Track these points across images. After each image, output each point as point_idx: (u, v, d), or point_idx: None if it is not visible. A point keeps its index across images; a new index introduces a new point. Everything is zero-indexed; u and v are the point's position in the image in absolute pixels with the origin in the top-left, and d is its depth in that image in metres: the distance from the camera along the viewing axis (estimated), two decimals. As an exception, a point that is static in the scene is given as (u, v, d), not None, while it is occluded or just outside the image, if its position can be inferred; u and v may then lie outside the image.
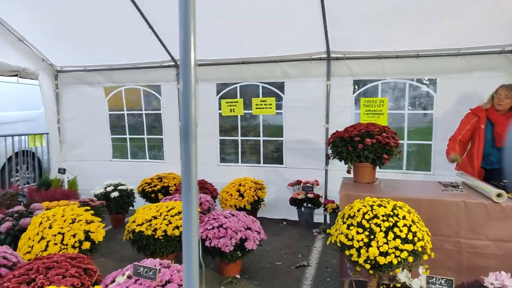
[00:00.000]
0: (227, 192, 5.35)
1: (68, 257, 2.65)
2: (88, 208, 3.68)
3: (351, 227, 2.69)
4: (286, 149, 5.71)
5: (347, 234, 2.69)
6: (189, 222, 1.31)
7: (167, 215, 3.67)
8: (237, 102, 5.78)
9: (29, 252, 3.12)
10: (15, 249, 3.15)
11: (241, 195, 5.25)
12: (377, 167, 3.69)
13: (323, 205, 5.36)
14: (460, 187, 3.43)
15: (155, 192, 5.54)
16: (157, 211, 3.72)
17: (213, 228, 3.59)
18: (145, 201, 5.61)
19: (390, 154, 3.56)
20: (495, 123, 3.88)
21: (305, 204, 5.43)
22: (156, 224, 3.59)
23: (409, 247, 2.51)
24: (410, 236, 2.54)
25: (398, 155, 3.67)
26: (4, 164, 6.68)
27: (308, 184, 5.44)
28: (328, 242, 2.91)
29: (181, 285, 2.44)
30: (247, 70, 5.66)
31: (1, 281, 2.49)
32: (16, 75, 5.46)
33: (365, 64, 5.11)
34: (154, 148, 6.39)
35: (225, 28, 4.97)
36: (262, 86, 5.72)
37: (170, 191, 5.53)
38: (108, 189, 5.24)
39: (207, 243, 3.51)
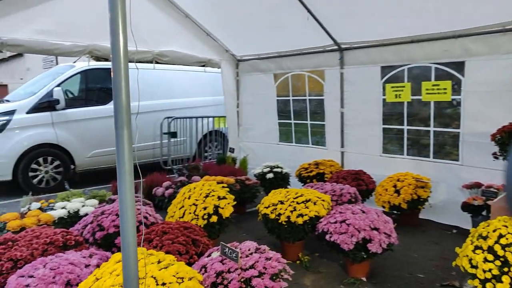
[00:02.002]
0: (383, 186, 4.84)
1: (182, 226, 2.98)
2: (225, 185, 4.00)
3: (478, 251, 2.02)
4: (464, 143, 4.69)
5: (471, 259, 2.03)
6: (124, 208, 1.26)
7: (293, 201, 3.63)
8: (404, 86, 5.09)
9: (172, 217, 3.66)
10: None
11: (397, 192, 4.66)
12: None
13: (505, 217, 4.19)
14: None
15: (310, 177, 5.56)
16: (285, 196, 3.73)
17: (335, 222, 3.34)
18: (302, 185, 5.69)
19: None
20: None
21: (483, 213, 4.37)
22: (280, 209, 3.60)
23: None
24: None
25: None
26: (200, 140, 8.02)
27: (491, 189, 4.33)
28: (453, 263, 2.28)
29: (263, 273, 2.39)
30: (417, 50, 4.89)
31: (138, 235, 3.02)
32: (203, 65, 6.39)
33: None
34: (317, 134, 6.37)
35: (388, 2, 4.43)
36: (435, 67, 4.84)
37: (325, 178, 5.43)
38: (265, 170, 5.56)
39: (327, 237, 3.31)
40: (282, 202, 3.67)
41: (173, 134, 7.32)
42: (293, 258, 3.66)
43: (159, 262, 2.21)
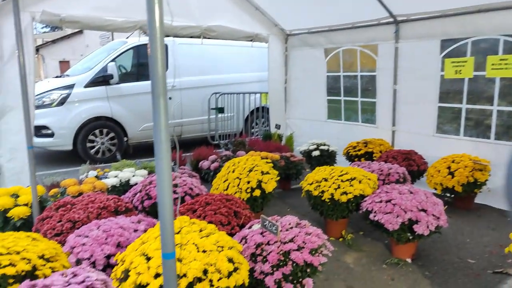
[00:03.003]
0: (435, 167, 4.60)
1: (224, 198, 3.03)
2: (269, 161, 4.00)
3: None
4: (531, 124, 4.32)
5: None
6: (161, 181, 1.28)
7: (337, 179, 3.56)
8: (465, 61, 4.73)
9: (216, 189, 3.74)
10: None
11: (451, 174, 4.41)
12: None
13: None
14: None
15: (358, 156, 5.42)
16: (329, 174, 3.66)
17: (380, 201, 3.24)
18: (349, 164, 5.57)
19: None
20: None
21: (548, 200, 4.03)
22: (324, 186, 3.55)
23: None
24: None
25: None
26: (247, 116, 8.06)
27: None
28: (506, 250, 2.14)
29: (302, 247, 2.39)
30: (484, 21, 4.48)
31: (180, 206, 3.13)
32: (250, 40, 6.33)
33: None
34: (367, 112, 6.14)
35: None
36: (504, 40, 4.43)
37: (374, 158, 5.26)
38: (311, 147, 5.49)
39: (371, 216, 3.22)
40: (326, 180, 3.62)
41: (220, 110, 7.41)
42: (336, 236, 3.63)
43: (200, 230, 2.27)
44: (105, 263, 2.36)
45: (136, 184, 3.81)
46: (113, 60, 6.85)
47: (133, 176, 3.99)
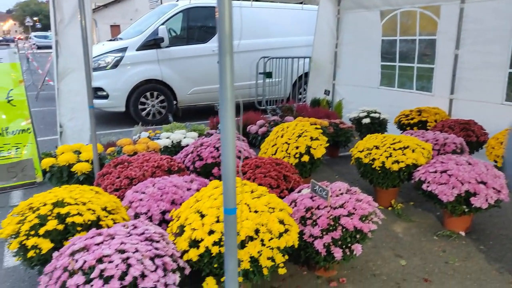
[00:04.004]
0: (497, 139, 4.31)
1: (274, 162, 3.05)
2: (318, 127, 3.93)
3: None
4: None
5: None
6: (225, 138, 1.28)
7: (389, 147, 3.45)
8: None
9: (264, 153, 3.77)
10: (258, 149, 3.88)
11: (514, 146, 4.12)
12: None
13: None
14: None
15: (411, 125, 5.19)
16: (381, 141, 3.55)
17: (435, 171, 3.11)
18: (400, 133, 5.37)
19: None
20: None
21: None
22: (375, 154, 3.45)
23: None
24: None
25: None
26: (295, 81, 7.93)
27: None
28: None
29: (352, 213, 2.37)
30: None
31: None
32: (301, 2, 6.10)
33: None
34: (423, 79, 5.81)
35: None
36: None
37: (428, 127, 5.02)
38: (361, 114, 5.33)
39: (424, 186, 3.11)
40: (377, 147, 3.51)
41: (268, 75, 7.32)
42: (385, 205, 3.57)
43: (252, 192, 2.31)
44: (160, 218, 2.48)
45: (187, 145, 3.91)
46: (163, 23, 6.91)
47: (184, 137, 4.10)
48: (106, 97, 6.64)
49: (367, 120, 5.24)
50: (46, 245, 2.10)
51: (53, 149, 4.48)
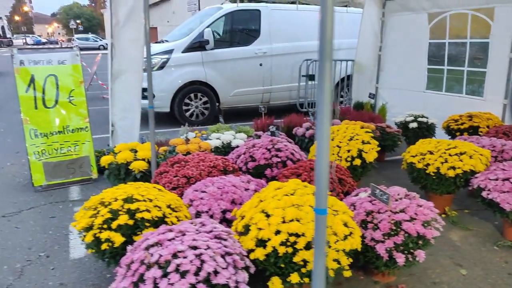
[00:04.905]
0: (556, 146, 4.13)
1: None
2: (369, 130, 3.90)
3: None
4: None
5: None
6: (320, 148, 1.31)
7: (444, 152, 3.38)
8: None
9: (314, 156, 3.77)
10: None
11: None
12: None
13: None
14: None
15: (461, 130, 5.04)
16: (435, 146, 3.48)
17: (496, 179, 3.02)
18: (449, 138, 5.23)
19: None
20: None
21: None
22: (429, 159, 3.39)
23: None
24: None
25: None
26: (337, 83, 7.88)
27: None
28: None
29: (414, 219, 2.35)
30: None
31: (284, 169, 3.23)
32: (345, 5, 6.07)
33: None
34: (474, 83, 5.63)
35: None
36: None
37: (480, 133, 4.87)
38: (408, 119, 5.23)
39: (484, 194, 3.03)
40: (431, 152, 3.45)
41: (311, 77, 7.30)
42: (439, 211, 3.48)
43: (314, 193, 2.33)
44: (221, 217, 2.55)
45: (237, 146, 3.99)
46: (208, 26, 7.05)
47: (234, 139, 4.17)
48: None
49: (414, 125, 5.14)
50: (118, 238, 2.21)
51: (102, 147, 4.68)
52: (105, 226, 2.26)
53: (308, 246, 2.01)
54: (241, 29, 7.59)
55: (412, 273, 2.62)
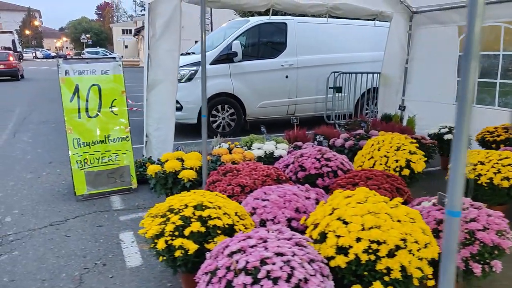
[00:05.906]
0: None
1: (385, 174, 3.04)
2: (414, 141, 3.89)
3: None
4: None
5: None
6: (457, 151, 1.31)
7: (497, 163, 3.36)
8: None
9: (360, 166, 3.76)
10: (351, 161, 3.88)
11: None
12: None
13: None
14: None
15: (496, 142, 5.02)
16: (485, 157, 3.47)
17: (554, 189, 2.99)
18: (483, 149, 5.20)
19: None
20: None
21: None
22: (481, 170, 3.37)
23: None
24: None
25: None
26: (363, 94, 7.91)
27: None
28: None
29: (487, 228, 2.32)
30: None
31: (338, 179, 3.22)
32: (373, 19, 6.12)
33: None
34: (507, 95, 5.63)
35: None
36: None
37: (516, 145, 4.84)
38: (442, 130, 5.22)
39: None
40: (482, 163, 3.43)
41: (339, 89, 7.34)
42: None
43: (386, 202, 2.31)
44: (287, 226, 2.52)
45: (280, 156, 3.99)
46: (236, 38, 7.13)
47: (276, 149, 4.18)
48: (180, 109, 6.88)
49: (449, 136, 5.12)
50: (192, 246, 2.19)
51: (135, 158, 4.66)
52: (176, 233, 2.24)
53: (390, 254, 1.98)
54: (267, 42, 7.66)
55: (479, 285, 2.57)
